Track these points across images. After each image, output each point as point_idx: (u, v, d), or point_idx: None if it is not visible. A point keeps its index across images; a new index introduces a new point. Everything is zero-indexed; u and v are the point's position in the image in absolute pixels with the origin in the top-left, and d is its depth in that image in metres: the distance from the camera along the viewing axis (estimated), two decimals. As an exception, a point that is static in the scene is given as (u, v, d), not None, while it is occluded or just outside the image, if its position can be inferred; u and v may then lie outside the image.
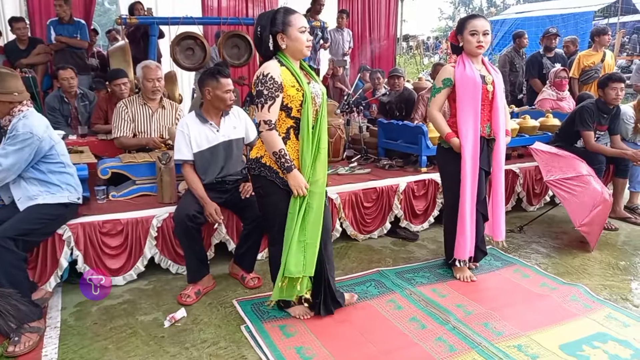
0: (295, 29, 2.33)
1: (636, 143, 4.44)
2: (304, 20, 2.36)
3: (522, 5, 27.19)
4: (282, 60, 2.38)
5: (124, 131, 3.62)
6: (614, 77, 4.07)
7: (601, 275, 3.27)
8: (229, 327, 2.65)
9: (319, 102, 2.46)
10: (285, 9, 2.38)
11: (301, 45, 2.36)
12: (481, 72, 2.94)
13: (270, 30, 2.33)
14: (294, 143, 2.44)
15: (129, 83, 4.38)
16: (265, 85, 2.30)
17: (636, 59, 11.98)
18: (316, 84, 2.50)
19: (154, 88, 3.62)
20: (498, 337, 2.52)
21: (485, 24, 2.88)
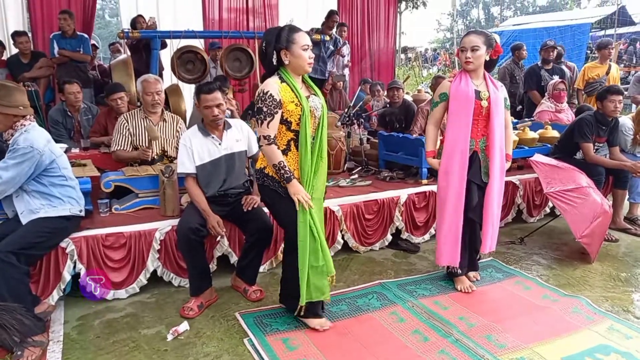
0: (299, 46, 2.44)
1: (635, 154, 4.47)
2: (307, 39, 2.47)
3: (519, 18, 27.48)
4: (284, 75, 2.49)
5: (122, 145, 3.65)
6: (612, 89, 4.12)
7: (602, 287, 3.28)
8: (231, 341, 2.65)
9: (318, 115, 2.58)
10: (290, 27, 2.49)
11: (303, 62, 2.47)
12: (479, 87, 2.96)
13: (274, 46, 2.45)
14: (294, 154, 2.55)
15: (125, 97, 4.40)
16: (264, 102, 2.43)
17: (634, 70, 12.07)
18: (316, 97, 2.61)
19: (154, 101, 3.65)
20: (501, 349, 2.52)
21: (473, 39, 2.90)
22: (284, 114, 2.47)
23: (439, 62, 23.71)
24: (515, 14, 37.51)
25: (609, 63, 6.03)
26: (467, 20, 40.16)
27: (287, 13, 8.51)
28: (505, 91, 3.13)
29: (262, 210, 3.14)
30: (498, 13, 40.27)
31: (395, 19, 9.59)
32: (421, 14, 23.99)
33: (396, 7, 9.70)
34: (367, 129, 5.59)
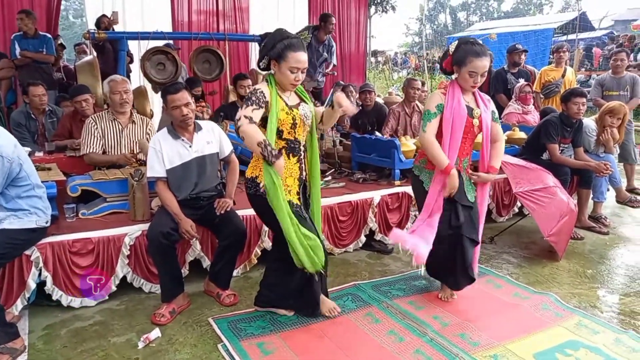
0: (287, 65, 2.44)
1: (598, 155, 4.62)
2: (300, 61, 2.45)
3: (485, 23, 28.14)
4: (271, 82, 2.53)
5: (94, 147, 3.54)
6: (575, 92, 4.25)
7: (570, 284, 3.36)
8: (205, 347, 2.60)
9: (308, 123, 2.62)
10: (290, 43, 2.45)
11: (286, 81, 2.49)
12: (469, 104, 2.83)
13: (268, 52, 2.49)
14: (286, 162, 2.57)
15: (91, 99, 4.28)
16: (255, 94, 2.46)
17: (594, 74, 12.50)
18: (306, 105, 2.64)
19: (122, 100, 3.57)
20: (474, 347, 2.55)
21: (486, 63, 2.72)
22: (277, 123, 2.48)
23: (408, 66, 24.06)
24: (481, 19, 38.41)
25: (564, 66, 6.22)
26: (434, 24, 40.87)
27: (258, 16, 8.46)
28: (494, 104, 3.01)
29: (235, 214, 3.10)
30: (464, 18, 41.16)
31: (365, 23, 9.66)
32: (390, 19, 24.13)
33: (366, 10, 9.79)
34: (340, 131, 5.60)
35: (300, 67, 2.46)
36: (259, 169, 2.54)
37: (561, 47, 6.30)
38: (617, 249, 4.02)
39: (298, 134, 2.59)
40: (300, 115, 2.55)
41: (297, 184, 2.65)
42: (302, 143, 2.64)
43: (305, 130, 2.63)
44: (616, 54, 5.65)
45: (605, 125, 4.49)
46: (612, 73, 5.50)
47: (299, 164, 2.65)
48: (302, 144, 2.64)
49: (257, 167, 2.56)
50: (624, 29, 21.56)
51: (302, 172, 2.67)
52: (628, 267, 3.65)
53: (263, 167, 2.46)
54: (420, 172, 2.96)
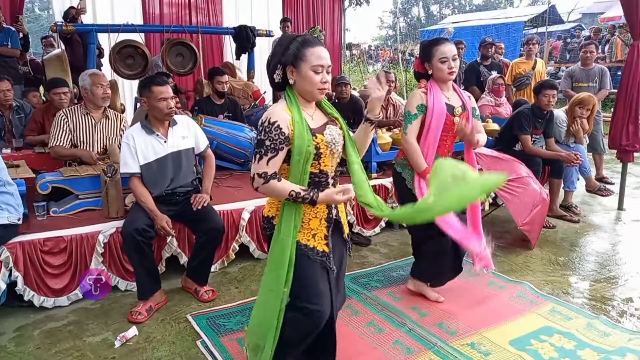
0: (308, 65, 1.85)
1: (569, 145, 4.73)
2: (322, 58, 1.87)
3: (458, 16, 28.44)
4: (289, 99, 1.92)
5: (61, 140, 3.45)
6: (546, 84, 4.34)
7: (543, 272, 3.44)
8: (184, 343, 2.57)
9: (337, 150, 1.98)
10: (305, 39, 1.90)
11: (311, 87, 1.88)
12: (450, 100, 2.78)
13: (280, 59, 1.89)
14: None
15: (69, 92, 4.18)
16: (269, 135, 1.84)
17: (564, 66, 12.78)
18: (334, 126, 1.99)
19: (104, 94, 3.50)
20: (452, 336, 2.59)
21: (453, 48, 2.71)
22: (291, 149, 1.88)
23: (382, 59, 24.16)
24: (453, 12, 38.79)
25: (534, 58, 6.33)
26: (408, 18, 41.10)
27: (231, 8, 8.35)
28: (474, 99, 2.98)
29: (212, 209, 3.06)
30: (437, 11, 41.50)
31: (340, 16, 9.64)
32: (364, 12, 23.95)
33: (341, 3, 9.76)
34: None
35: (324, 64, 1.87)
36: (275, 208, 2.01)
37: (531, 40, 6.40)
38: (587, 236, 4.13)
39: (324, 164, 1.95)
40: (325, 142, 1.91)
41: (324, 225, 2.01)
42: (331, 174, 2.00)
43: (335, 158, 1.99)
44: (585, 46, 5.78)
45: (575, 116, 4.59)
46: (582, 65, 5.63)
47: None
48: (331, 176, 2.00)
49: (274, 205, 2.02)
50: (592, 21, 22.09)
51: (331, 211, 2.03)
52: (598, 254, 3.76)
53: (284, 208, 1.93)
54: (402, 169, 2.90)
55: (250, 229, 3.50)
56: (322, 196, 1.89)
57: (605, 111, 7.10)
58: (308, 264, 1.95)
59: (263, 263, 3.56)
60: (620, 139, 4.64)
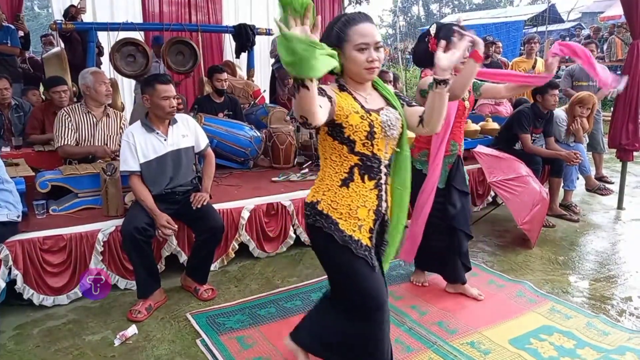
0: (352, 45, 1.72)
1: (569, 144, 4.72)
2: (367, 35, 1.72)
3: (457, 15, 28.40)
4: (342, 83, 1.83)
5: (68, 139, 3.44)
6: (552, 84, 4.32)
7: (543, 271, 3.44)
8: (183, 342, 2.57)
9: (393, 134, 1.85)
10: (348, 17, 1.77)
11: (357, 67, 1.75)
12: None
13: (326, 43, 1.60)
14: (358, 186, 1.83)
15: (69, 91, 4.18)
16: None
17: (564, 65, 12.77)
18: (393, 109, 1.87)
19: (107, 92, 3.51)
20: (452, 335, 2.59)
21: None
22: (344, 129, 1.77)
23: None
24: (453, 11, 38.76)
25: (535, 57, 6.33)
26: (408, 16, 41.08)
27: (230, 7, 8.34)
28: None
29: (212, 208, 3.06)
30: (437, 10, 41.47)
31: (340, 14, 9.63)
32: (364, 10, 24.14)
33: (340, 2, 9.74)
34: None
35: (370, 41, 1.71)
36: (321, 192, 1.86)
37: (532, 39, 6.41)
38: (587, 235, 4.13)
39: (377, 147, 1.82)
40: (380, 122, 1.80)
41: (372, 217, 1.87)
42: (384, 163, 1.86)
43: (389, 144, 1.86)
44: (586, 45, 5.76)
45: (575, 116, 4.59)
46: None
47: (377, 191, 1.87)
48: (384, 164, 1.87)
49: (320, 189, 1.87)
50: (592, 20, 22.09)
51: (381, 203, 1.89)
52: (597, 253, 3.76)
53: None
54: (422, 165, 2.87)
55: (249, 227, 3.50)
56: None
57: (605, 110, 7.10)
58: (351, 258, 1.82)
59: (263, 262, 3.57)
60: (620, 138, 4.64)
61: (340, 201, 1.83)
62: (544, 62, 2.80)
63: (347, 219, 1.82)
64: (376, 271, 1.88)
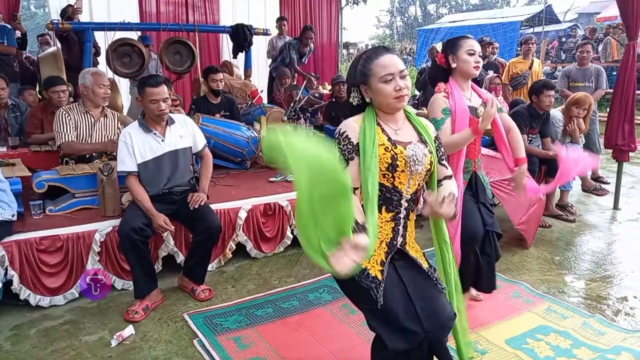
0: (377, 78, 1.77)
1: (565, 145, 4.74)
2: (389, 66, 1.76)
3: (454, 15, 28.47)
4: (368, 113, 1.84)
5: (70, 136, 3.42)
6: (548, 85, 4.35)
7: (539, 271, 3.45)
8: (180, 343, 2.57)
9: (418, 169, 1.80)
10: (368, 54, 1.83)
11: (386, 99, 1.78)
12: (471, 101, 2.63)
13: (352, 82, 1.86)
14: (382, 219, 1.81)
15: (67, 90, 4.17)
16: (339, 145, 1.79)
17: (560, 66, 12.83)
18: (423, 145, 1.85)
19: (105, 94, 3.50)
20: (449, 335, 2.59)
21: (476, 43, 2.62)
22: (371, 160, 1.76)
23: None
24: (450, 11, 38.82)
25: (531, 58, 6.35)
26: (405, 17, 41.13)
27: (228, 7, 8.34)
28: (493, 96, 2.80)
29: (209, 208, 3.06)
30: (434, 10, 41.54)
31: (337, 15, 9.64)
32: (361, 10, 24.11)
33: (338, 2, 9.76)
34: (314, 124, 5.59)
35: (394, 71, 1.75)
36: None
37: (529, 40, 6.43)
38: (583, 236, 4.15)
39: (399, 181, 1.80)
40: (405, 156, 1.77)
41: (383, 249, 1.82)
42: (406, 197, 1.83)
43: (415, 180, 1.83)
44: (582, 45, 5.80)
45: (572, 116, 4.60)
46: (578, 65, 5.64)
47: (393, 224, 1.82)
48: (406, 199, 1.83)
49: None
50: (588, 21, 22.16)
51: (396, 237, 1.84)
52: (593, 253, 3.78)
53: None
54: None
55: (247, 228, 3.50)
56: (359, 239, 1.47)
57: (601, 111, 7.13)
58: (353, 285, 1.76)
59: (260, 262, 3.57)
60: (616, 139, 4.66)
61: None
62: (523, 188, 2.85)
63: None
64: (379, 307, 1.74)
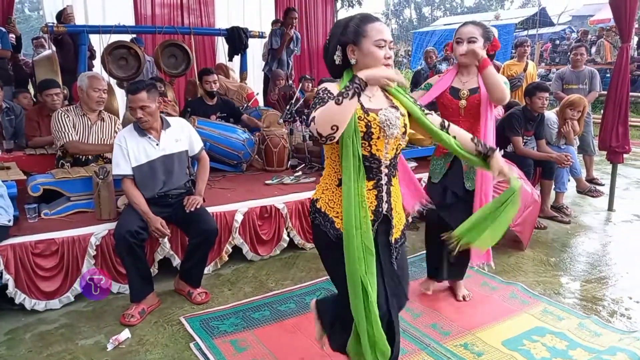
0: (371, 41, 1.77)
1: (560, 147, 4.76)
2: (384, 32, 1.80)
3: (449, 18, 28.61)
4: (345, 79, 1.84)
5: (71, 136, 3.40)
6: (540, 87, 4.37)
7: (535, 272, 3.47)
8: (177, 346, 2.57)
9: (393, 134, 1.80)
10: (363, 16, 1.85)
11: (375, 62, 1.77)
12: (465, 85, 2.72)
13: (339, 39, 1.83)
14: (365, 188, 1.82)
15: (61, 93, 4.16)
16: (319, 95, 1.78)
17: (554, 68, 12.90)
18: (395, 110, 1.84)
19: (100, 99, 3.47)
20: (445, 337, 2.61)
21: (471, 29, 2.65)
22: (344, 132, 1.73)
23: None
24: (445, 14, 39.00)
25: (526, 60, 6.39)
26: (400, 19, 41.27)
27: (223, 10, 8.34)
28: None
29: (205, 211, 3.06)
30: (429, 13, 41.71)
31: (332, 17, 9.65)
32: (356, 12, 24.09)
33: (333, 5, 9.77)
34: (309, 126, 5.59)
35: (387, 38, 1.79)
36: (321, 190, 1.90)
37: (524, 42, 6.46)
38: (578, 237, 4.16)
39: (376, 148, 1.80)
40: (378, 122, 1.77)
41: (370, 218, 1.82)
42: (385, 163, 1.84)
43: (391, 145, 1.83)
44: (576, 48, 5.84)
45: (566, 118, 4.63)
46: (572, 67, 5.68)
47: (376, 191, 1.84)
48: (385, 165, 1.84)
49: (321, 187, 1.92)
50: (582, 24, 22.31)
51: (380, 204, 1.85)
52: (589, 254, 3.79)
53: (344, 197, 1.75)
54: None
55: (243, 230, 3.50)
56: (367, 73, 1.66)
57: (595, 113, 7.17)
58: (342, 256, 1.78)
59: (256, 265, 3.56)
60: (610, 141, 4.69)
61: (336, 200, 1.84)
62: None
63: (342, 217, 1.79)
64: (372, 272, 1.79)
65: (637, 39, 12.92)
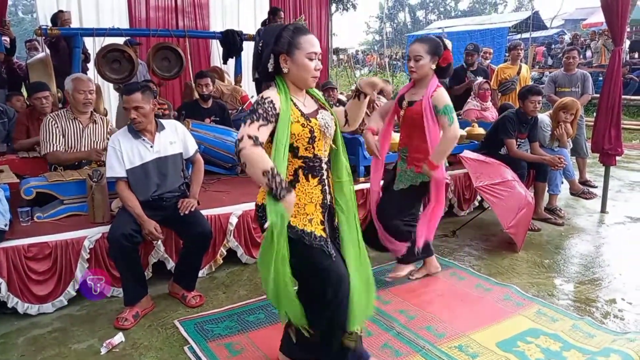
0: (303, 53, 1.93)
1: (553, 149, 4.79)
2: (315, 45, 1.95)
3: (443, 21, 28.74)
4: (280, 86, 1.98)
5: (56, 146, 3.38)
6: (533, 90, 4.40)
7: (528, 274, 3.48)
8: (171, 350, 2.55)
9: (330, 133, 2.05)
10: (296, 27, 1.98)
11: (306, 74, 1.96)
12: (414, 95, 3.00)
13: (272, 49, 1.95)
14: (304, 185, 2.02)
15: (51, 97, 4.13)
16: (262, 106, 1.91)
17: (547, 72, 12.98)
18: (325, 111, 2.07)
19: (86, 100, 3.45)
20: (440, 339, 2.61)
21: (416, 48, 2.91)
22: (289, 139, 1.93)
23: (368, 63, 24.29)
24: (439, 17, 39.18)
25: (519, 64, 6.43)
26: (394, 23, 41.44)
27: (218, 13, 8.34)
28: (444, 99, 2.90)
29: (200, 214, 3.05)
30: (423, 17, 41.90)
31: (327, 20, 9.67)
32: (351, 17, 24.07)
33: (327, 9, 9.80)
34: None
35: (317, 51, 1.95)
36: (262, 197, 2.06)
37: (518, 46, 6.51)
38: (571, 239, 4.19)
39: (318, 149, 2.02)
40: (319, 126, 1.99)
41: (319, 211, 2.07)
42: (324, 159, 2.07)
43: (327, 143, 2.06)
44: (568, 51, 5.87)
45: (560, 121, 4.66)
46: (564, 70, 5.72)
47: (320, 186, 2.06)
48: (324, 161, 2.07)
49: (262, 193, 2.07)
50: (575, 27, 22.49)
51: (325, 196, 2.08)
52: (582, 256, 3.81)
53: (267, 201, 1.86)
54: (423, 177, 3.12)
55: (238, 233, 3.49)
56: (290, 196, 1.83)
57: (587, 116, 7.22)
58: (305, 250, 1.99)
59: (251, 268, 3.55)
60: (603, 143, 4.72)
61: None
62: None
63: (296, 215, 1.98)
64: (334, 259, 2.03)
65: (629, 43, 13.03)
